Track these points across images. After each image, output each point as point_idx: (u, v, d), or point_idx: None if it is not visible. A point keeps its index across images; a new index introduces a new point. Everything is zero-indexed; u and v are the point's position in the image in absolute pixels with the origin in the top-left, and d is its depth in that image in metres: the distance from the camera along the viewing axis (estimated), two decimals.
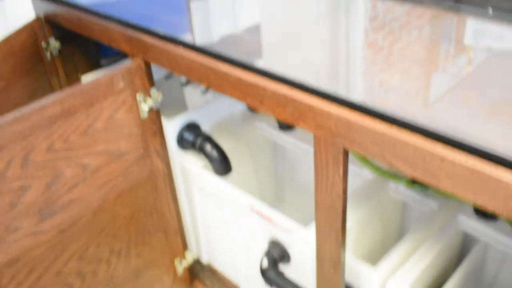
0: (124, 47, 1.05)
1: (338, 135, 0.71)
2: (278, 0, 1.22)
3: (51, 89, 1.35)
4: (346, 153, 0.74)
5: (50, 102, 0.90)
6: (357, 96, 0.74)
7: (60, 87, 1.37)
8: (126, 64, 1.00)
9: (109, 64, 1.47)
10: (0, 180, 0.87)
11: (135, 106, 1.03)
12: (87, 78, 1.41)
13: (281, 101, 0.77)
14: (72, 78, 1.39)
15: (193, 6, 1.20)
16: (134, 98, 1.02)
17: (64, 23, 1.22)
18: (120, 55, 1.51)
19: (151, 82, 1.05)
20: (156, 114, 1.08)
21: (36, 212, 0.93)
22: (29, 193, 0.91)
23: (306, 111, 0.74)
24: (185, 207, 1.28)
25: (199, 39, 0.99)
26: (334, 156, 0.74)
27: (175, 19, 1.10)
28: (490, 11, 0.95)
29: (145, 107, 1.04)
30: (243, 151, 1.38)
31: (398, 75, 0.80)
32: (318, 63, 0.87)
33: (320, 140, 0.75)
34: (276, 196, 1.53)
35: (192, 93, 1.51)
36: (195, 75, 0.90)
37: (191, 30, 1.05)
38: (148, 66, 1.03)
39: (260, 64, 0.84)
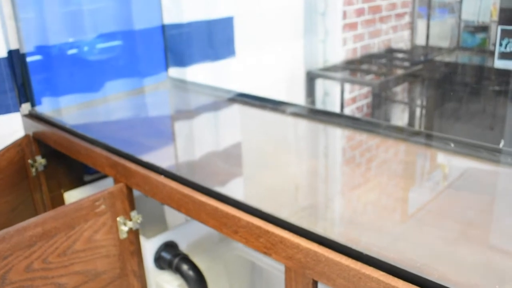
0: (108, 171, 1.10)
1: (307, 267, 0.76)
2: (261, 126, 1.32)
3: (33, 205, 1.39)
4: (315, 284, 0.77)
5: (32, 224, 0.94)
6: (328, 232, 0.80)
7: (43, 203, 1.40)
8: (109, 188, 1.05)
9: (92, 180, 1.52)
10: None
11: (115, 228, 1.07)
12: (70, 194, 1.45)
13: (255, 232, 0.82)
14: (55, 194, 1.43)
15: (177, 131, 1.29)
16: (114, 220, 1.06)
17: (51, 143, 1.29)
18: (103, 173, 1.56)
19: (132, 206, 1.09)
20: (135, 234, 1.11)
21: None
22: None
23: (277, 242, 0.79)
24: None
25: (179, 168, 1.05)
26: (304, 286, 0.77)
27: (158, 145, 1.17)
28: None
29: (124, 229, 1.08)
30: (220, 271, 1.40)
31: (369, 208, 0.87)
32: (291, 195, 0.94)
33: (290, 271, 0.79)
34: None
35: (172, 212, 1.55)
36: (174, 203, 0.95)
37: (173, 158, 1.12)
38: (130, 190, 1.08)
39: (236, 193, 0.89)
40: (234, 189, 0.97)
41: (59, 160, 1.44)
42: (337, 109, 2.31)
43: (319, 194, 0.96)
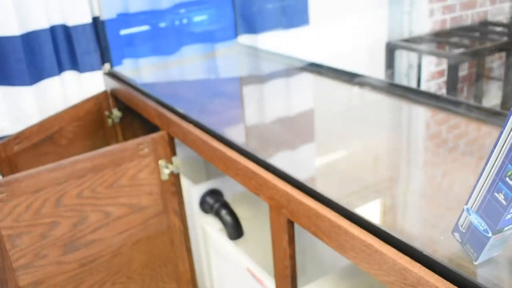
0: (155, 120, 1.27)
1: (283, 206, 0.86)
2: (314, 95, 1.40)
3: None
4: (291, 223, 0.87)
5: (83, 158, 1.13)
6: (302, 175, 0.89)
7: None
8: (152, 134, 1.22)
9: None
10: (36, 215, 1.09)
11: (157, 169, 1.24)
12: None
13: (248, 175, 0.93)
14: None
15: (235, 94, 1.42)
16: (157, 163, 1.23)
17: (122, 97, 1.49)
18: None
19: (173, 152, 1.25)
20: (175, 178, 1.27)
21: (62, 245, 1.15)
22: (58, 229, 1.13)
23: (263, 184, 0.90)
24: (203, 264, 1.44)
25: (209, 122, 1.18)
26: (281, 224, 0.88)
27: (211, 104, 1.32)
28: None
29: (166, 171, 1.25)
30: (259, 225, 1.53)
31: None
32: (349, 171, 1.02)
33: (272, 209, 0.89)
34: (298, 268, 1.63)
35: None
36: (196, 147, 1.09)
37: (209, 112, 1.26)
38: (171, 138, 1.24)
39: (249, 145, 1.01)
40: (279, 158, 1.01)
41: (135, 114, 1.64)
42: (420, 83, 2.29)
43: (386, 172, 0.95)
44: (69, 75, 1.63)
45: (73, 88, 1.63)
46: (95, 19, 1.61)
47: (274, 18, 1.89)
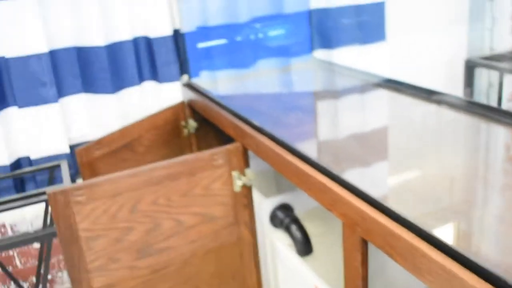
0: (230, 132, 1.29)
1: (357, 223, 0.84)
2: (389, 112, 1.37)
3: None
4: (364, 242, 0.85)
5: (160, 166, 1.16)
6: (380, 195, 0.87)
7: None
8: (227, 145, 1.23)
9: None
10: (112, 219, 1.13)
11: (230, 180, 1.25)
12: None
13: (321, 189, 0.92)
14: None
15: (310, 109, 1.42)
16: (230, 174, 1.24)
17: (198, 108, 1.52)
18: None
19: (246, 164, 1.26)
20: (248, 190, 1.28)
21: (136, 250, 1.18)
22: (132, 234, 1.16)
23: (337, 200, 0.88)
24: (271, 278, 1.44)
25: (282, 135, 1.18)
26: (355, 243, 0.86)
27: (286, 119, 1.32)
28: None
29: (239, 183, 1.26)
30: (330, 242, 1.50)
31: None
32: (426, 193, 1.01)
33: (345, 226, 0.88)
34: None
35: None
36: (270, 160, 1.10)
37: (293, 130, 1.26)
38: (245, 150, 1.25)
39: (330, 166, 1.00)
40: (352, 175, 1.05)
41: (210, 126, 1.67)
42: (501, 103, 2.19)
43: (463, 198, 0.91)
44: (149, 85, 1.68)
45: (152, 98, 1.69)
46: (176, 32, 1.66)
47: (350, 34, 1.87)
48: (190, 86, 1.63)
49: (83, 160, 1.33)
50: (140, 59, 1.66)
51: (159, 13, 1.60)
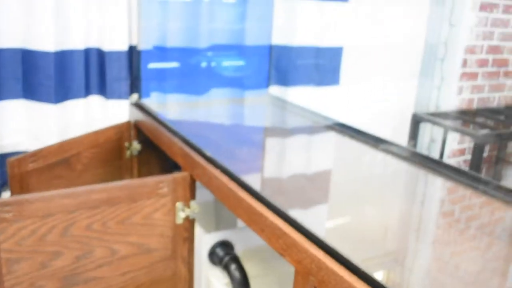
0: (179, 160, 1.22)
1: (311, 273, 0.79)
2: (341, 155, 1.35)
3: None
4: None
5: (99, 189, 1.07)
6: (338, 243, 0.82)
7: None
8: (174, 174, 1.16)
9: None
10: (40, 241, 1.03)
11: (173, 212, 1.17)
12: None
13: (276, 233, 0.87)
14: None
15: (260, 143, 1.37)
16: (174, 205, 1.17)
17: (145, 130, 1.44)
18: None
19: (192, 195, 1.19)
20: (190, 223, 1.21)
21: (61, 278, 1.07)
22: (60, 259, 1.06)
23: (291, 245, 0.83)
24: None
25: (237, 168, 1.13)
26: None
27: (231, 147, 1.27)
28: None
29: (182, 215, 1.18)
30: (269, 284, 1.44)
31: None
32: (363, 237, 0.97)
33: (298, 274, 0.82)
34: None
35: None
36: (221, 195, 1.03)
37: (237, 159, 1.20)
38: (193, 180, 1.18)
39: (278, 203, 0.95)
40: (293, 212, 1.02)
41: (153, 150, 1.59)
42: (443, 158, 2.25)
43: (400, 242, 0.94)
44: (95, 100, 1.59)
45: (96, 113, 1.59)
46: (131, 48, 1.59)
47: (306, 74, 1.87)
48: (139, 106, 1.55)
49: (15, 171, 1.21)
50: (90, 71, 1.57)
51: (116, 26, 1.52)
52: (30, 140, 1.54)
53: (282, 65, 1.82)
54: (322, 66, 1.90)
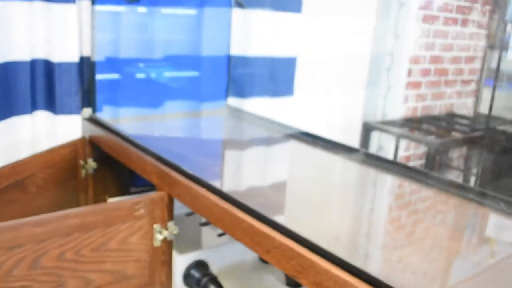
0: (154, 179, 1.12)
1: None
2: (310, 163, 1.31)
3: (77, 205, 1.42)
4: None
5: (73, 214, 0.96)
6: (360, 262, 0.78)
7: (86, 205, 1.44)
8: (151, 194, 1.07)
9: (137, 193, 1.54)
10: (5, 276, 0.90)
11: (150, 234, 1.08)
12: (114, 201, 1.48)
13: (287, 254, 0.81)
14: (100, 199, 1.46)
15: (226, 156, 1.30)
16: (151, 227, 1.07)
17: (105, 147, 1.33)
18: (150, 187, 1.60)
19: (170, 216, 1.10)
20: (168, 245, 1.12)
21: None
22: None
23: (308, 267, 0.77)
24: None
25: (222, 184, 1.06)
26: None
27: (206, 165, 1.19)
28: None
29: (159, 237, 1.09)
30: None
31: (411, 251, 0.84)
32: (335, 226, 0.92)
33: None
34: None
35: (209, 234, 1.55)
36: (212, 216, 0.96)
37: (218, 175, 1.13)
38: (171, 200, 1.09)
39: (277, 217, 0.89)
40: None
41: (109, 167, 1.48)
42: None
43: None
44: (42, 116, 1.45)
45: (44, 131, 1.45)
46: (82, 59, 1.46)
47: (262, 86, 1.82)
48: (94, 120, 1.43)
49: None
50: (36, 84, 1.43)
51: (66, 36, 1.40)
52: None
53: (239, 77, 1.76)
54: (277, 77, 1.86)
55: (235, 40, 1.72)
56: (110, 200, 1.48)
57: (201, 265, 1.25)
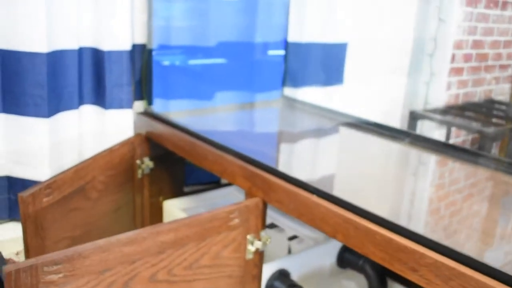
0: (241, 182, 0.99)
1: None
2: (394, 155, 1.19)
3: (133, 208, 1.29)
4: None
5: (166, 229, 0.83)
6: None
7: (142, 208, 1.30)
8: (244, 201, 0.94)
9: (191, 192, 1.41)
10: None
11: (243, 246, 0.95)
12: (169, 203, 1.35)
13: (444, 273, 0.69)
14: (154, 201, 1.33)
15: (302, 149, 1.18)
16: (244, 238, 0.95)
17: (169, 145, 1.19)
18: (203, 185, 1.47)
19: (263, 224, 0.97)
20: (259, 257, 0.99)
21: None
22: None
23: None
24: None
25: (332, 188, 0.93)
26: None
27: (297, 162, 1.06)
28: None
29: (251, 248, 0.96)
30: None
31: None
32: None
33: None
34: None
35: (280, 239, 1.43)
36: (329, 227, 0.83)
37: (317, 176, 1.00)
38: (265, 207, 0.96)
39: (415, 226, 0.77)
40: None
41: (165, 166, 1.34)
42: None
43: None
44: (89, 110, 1.31)
45: (91, 128, 1.32)
46: (135, 47, 1.32)
47: (314, 74, 1.69)
48: (151, 115, 1.29)
49: (29, 210, 0.93)
50: (83, 76, 1.29)
51: (117, 22, 1.25)
52: (11, 164, 1.24)
53: (293, 65, 1.62)
54: (328, 64, 1.73)
55: (292, 25, 1.58)
56: (166, 202, 1.35)
57: (283, 275, 1.13)
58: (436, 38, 2.13)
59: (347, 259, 1.22)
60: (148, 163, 1.28)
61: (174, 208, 1.32)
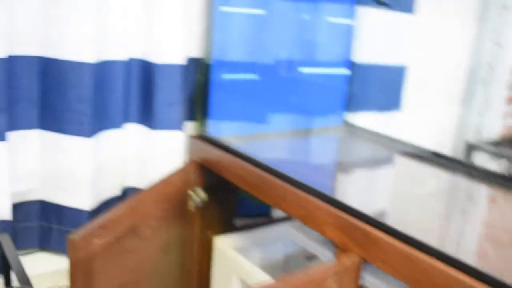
0: (331, 234, 0.83)
1: None
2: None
3: (181, 246, 1.12)
4: None
5: None
6: None
7: (191, 245, 1.14)
8: (342, 259, 0.78)
9: (244, 229, 1.25)
10: None
11: None
12: (220, 240, 1.19)
13: None
14: (203, 236, 1.17)
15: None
16: None
17: (232, 177, 1.03)
18: (254, 217, 1.31)
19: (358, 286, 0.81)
20: None
21: None
22: None
23: None
24: None
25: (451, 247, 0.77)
26: None
27: (394, 211, 0.90)
28: None
29: None
30: None
31: None
32: None
33: None
34: None
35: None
36: None
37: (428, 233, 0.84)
38: (361, 266, 0.80)
39: None
40: None
41: (216, 197, 1.18)
42: None
43: None
44: (134, 130, 1.16)
45: (136, 149, 1.16)
46: (190, 61, 1.17)
47: (372, 98, 1.54)
48: (206, 139, 1.13)
49: (79, 255, 0.77)
50: (129, 91, 1.14)
51: (170, 32, 1.10)
52: (46, 187, 1.08)
53: (359, 87, 1.47)
54: (387, 87, 1.58)
55: (357, 43, 1.42)
56: (216, 239, 1.19)
57: None
58: (491, 63, 1.98)
59: None
60: (201, 195, 1.12)
61: (226, 247, 1.15)
